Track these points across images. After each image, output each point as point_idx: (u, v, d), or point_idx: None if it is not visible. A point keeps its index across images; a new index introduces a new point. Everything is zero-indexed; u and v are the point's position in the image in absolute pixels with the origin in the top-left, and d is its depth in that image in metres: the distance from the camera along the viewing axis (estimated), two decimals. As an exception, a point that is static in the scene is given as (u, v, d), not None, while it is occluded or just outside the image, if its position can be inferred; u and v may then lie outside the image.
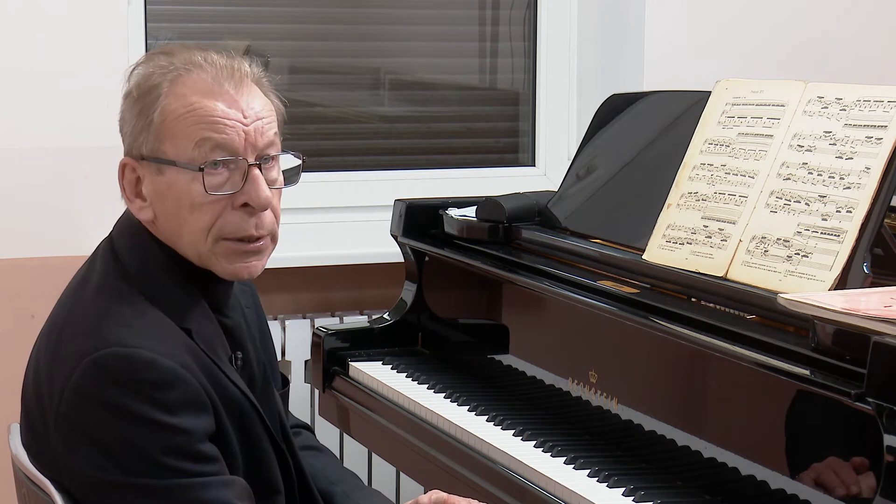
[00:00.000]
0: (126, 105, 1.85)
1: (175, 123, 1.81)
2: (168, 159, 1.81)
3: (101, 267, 1.86)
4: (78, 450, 1.75)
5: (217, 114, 1.81)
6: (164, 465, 1.72)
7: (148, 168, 1.83)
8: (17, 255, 3.06)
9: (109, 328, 1.76)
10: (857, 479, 1.77)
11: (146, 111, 1.82)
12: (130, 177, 1.84)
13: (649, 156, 2.59)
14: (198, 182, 1.80)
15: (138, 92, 1.83)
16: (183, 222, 1.83)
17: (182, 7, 3.48)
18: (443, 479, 2.43)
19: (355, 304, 3.43)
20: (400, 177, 3.58)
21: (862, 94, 2.14)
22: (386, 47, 3.70)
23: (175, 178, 1.82)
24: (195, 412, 1.76)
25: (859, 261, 2.01)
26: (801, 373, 1.87)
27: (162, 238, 1.86)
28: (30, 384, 1.86)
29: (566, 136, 3.71)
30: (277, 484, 1.92)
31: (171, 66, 1.83)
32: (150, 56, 1.89)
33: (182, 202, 1.82)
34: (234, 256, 1.85)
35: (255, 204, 1.83)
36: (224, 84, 1.83)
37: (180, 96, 1.81)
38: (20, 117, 3.05)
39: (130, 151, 1.84)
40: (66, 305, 1.87)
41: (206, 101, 1.81)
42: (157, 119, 1.81)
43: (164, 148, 1.81)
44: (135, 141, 1.83)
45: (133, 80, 1.85)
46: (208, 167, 1.80)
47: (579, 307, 2.36)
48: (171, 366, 1.74)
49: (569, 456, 2.21)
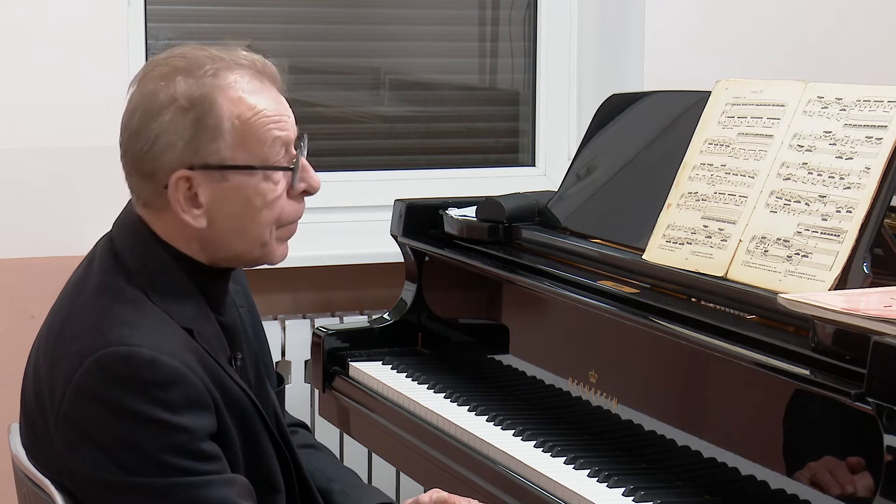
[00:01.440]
0: (171, 117, 1.78)
1: (244, 128, 1.80)
2: (243, 165, 1.81)
3: (101, 266, 1.86)
4: (79, 449, 1.75)
5: (276, 112, 1.84)
6: (166, 463, 1.72)
7: (207, 176, 1.80)
8: (17, 255, 3.06)
9: (111, 327, 1.76)
10: (857, 478, 1.77)
11: (203, 120, 1.78)
12: (183, 187, 1.80)
13: (649, 156, 2.59)
14: (271, 179, 1.83)
15: (188, 102, 1.78)
16: (249, 221, 1.84)
17: (182, 7, 3.48)
18: (443, 479, 2.43)
19: (355, 304, 3.42)
20: (400, 177, 3.58)
21: (862, 94, 2.14)
22: (386, 47, 3.70)
23: (244, 181, 1.82)
24: (197, 411, 1.76)
25: (859, 261, 2.01)
26: (801, 373, 1.87)
27: (207, 240, 1.84)
28: (29, 384, 1.86)
29: (566, 136, 3.71)
30: (278, 483, 1.92)
31: (206, 70, 1.80)
32: (166, 64, 1.83)
33: (253, 202, 1.83)
34: (284, 240, 1.90)
35: (314, 190, 1.90)
36: (264, 80, 1.85)
37: (237, 101, 1.80)
38: (20, 117, 3.05)
39: (183, 162, 1.79)
40: (65, 305, 1.86)
41: (261, 100, 1.82)
42: (223, 126, 1.79)
43: (234, 154, 1.80)
44: (194, 153, 1.79)
45: (169, 91, 1.79)
46: (286, 165, 1.85)
47: (579, 307, 2.36)
48: (173, 364, 1.74)
49: (569, 456, 2.21)
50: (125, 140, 1.83)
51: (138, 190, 1.85)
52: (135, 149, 1.81)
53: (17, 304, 3.00)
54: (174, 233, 1.85)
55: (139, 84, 1.83)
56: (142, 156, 1.81)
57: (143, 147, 1.80)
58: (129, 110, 1.83)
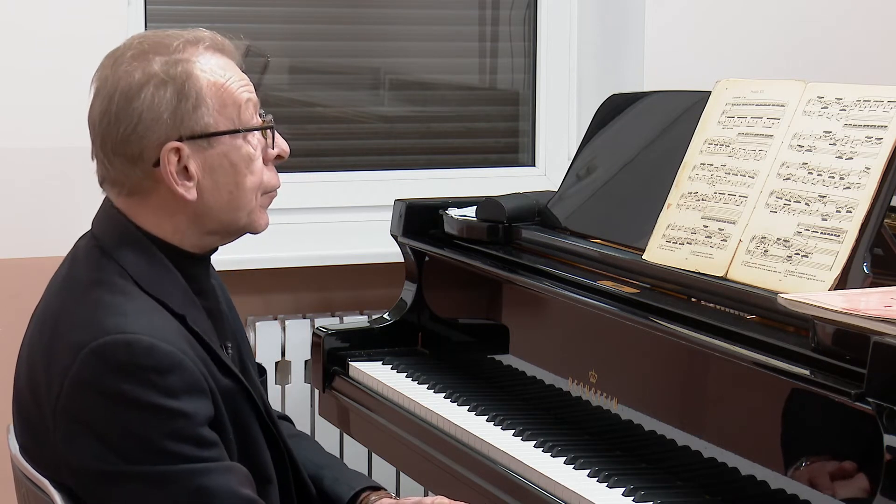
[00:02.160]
0: (152, 92, 1.82)
1: (221, 94, 1.86)
2: (227, 129, 1.86)
3: (89, 263, 1.86)
4: (78, 442, 1.75)
5: (243, 78, 1.90)
6: (166, 450, 1.73)
7: (195, 146, 1.84)
8: (17, 255, 3.06)
9: (106, 318, 1.76)
10: (857, 478, 1.77)
11: (183, 91, 1.83)
12: (174, 160, 1.83)
13: (649, 156, 2.59)
14: (250, 143, 1.88)
15: (166, 76, 1.82)
16: (236, 187, 1.88)
17: (182, 7, 3.48)
18: (443, 479, 2.43)
19: (355, 304, 3.42)
20: (400, 177, 3.58)
21: (862, 94, 2.14)
22: (386, 47, 3.70)
23: (229, 146, 1.87)
24: (196, 396, 1.76)
25: (859, 261, 2.01)
26: (801, 373, 1.87)
27: (196, 215, 1.87)
28: (23, 383, 1.86)
29: (566, 136, 3.71)
30: (270, 473, 1.93)
31: (175, 45, 1.85)
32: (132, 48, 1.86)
33: (239, 167, 1.88)
34: (264, 208, 1.95)
35: (286, 154, 1.94)
36: (224, 53, 1.90)
37: (209, 70, 1.86)
38: (20, 117, 3.05)
39: (170, 135, 1.83)
40: (54, 303, 1.87)
41: (229, 69, 1.88)
42: (203, 94, 1.84)
43: (216, 120, 1.85)
44: (180, 123, 1.83)
45: (144, 70, 1.83)
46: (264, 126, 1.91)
47: (579, 307, 2.36)
48: (170, 350, 1.75)
49: (569, 456, 2.21)
50: (104, 128, 1.85)
51: (122, 178, 1.86)
52: (117, 133, 1.84)
53: (17, 304, 2.99)
54: (161, 217, 1.87)
55: (111, 71, 1.86)
56: (126, 138, 1.83)
57: (126, 129, 1.83)
58: (103, 98, 1.85)
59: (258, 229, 1.94)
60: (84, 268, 1.86)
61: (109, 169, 1.87)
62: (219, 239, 1.94)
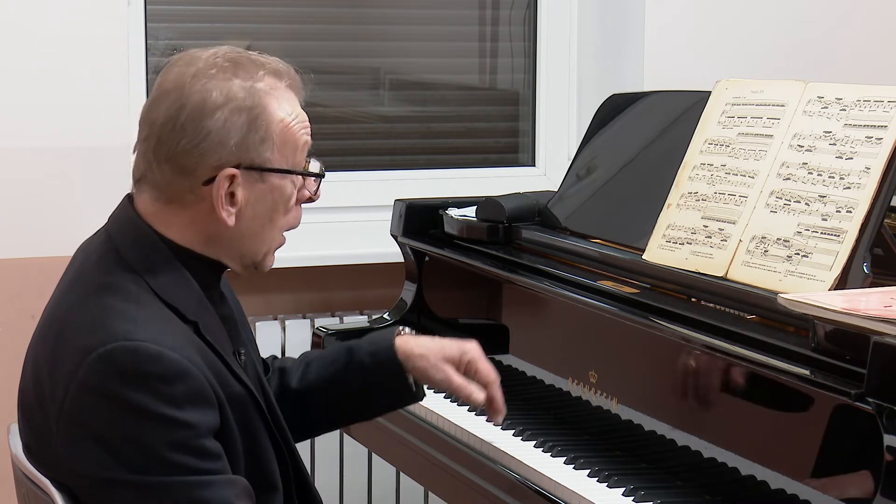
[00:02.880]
0: (226, 116, 1.82)
1: (286, 133, 1.88)
2: (282, 168, 1.88)
3: (100, 263, 1.85)
4: (80, 446, 1.75)
5: (305, 119, 1.94)
6: (167, 460, 1.72)
7: (249, 176, 1.86)
8: (17, 255, 3.06)
9: (114, 323, 1.76)
10: (857, 479, 1.77)
11: (256, 122, 1.84)
12: (226, 184, 1.84)
13: (649, 156, 2.59)
14: (293, 183, 1.91)
15: (244, 103, 1.83)
16: (269, 222, 1.90)
17: (182, 7, 3.48)
18: (443, 479, 2.43)
19: (355, 304, 3.43)
20: (400, 177, 3.58)
21: (862, 94, 2.14)
22: (386, 47, 3.70)
23: (278, 184, 1.89)
24: (200, 407, 1.76)
25: (859, 261, 2.01)
26: (801, 373, 1.87)
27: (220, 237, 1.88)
28: (28, 384, 1.86)
29: (566, 136, 3.71)
30: (276, 481, 1.93)
31: (259, 73, 1.87)
32: (214, 65, 1.86)
33: (278, 205, 1.90)
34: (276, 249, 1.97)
35: (316, 198, 1.98)
36: (295, 89, 1.93)
37: (282, 107, 1.88)
38: (20, 117, 3.05)
39: (230, 161, 1.83)
40: (63, 303, 1.86)
41: (296, 108, 1.91)
42: (272, 129, 1.86)
43: (275, 157, 1.87)
44: (244, 152, 1.84)
45: (224, 90, 1.83)
46: (314, 172, 1.95)
47: (579, 307, 2.36)
48: (177, 359, 1.74)
49: (569, 456, 2.21)
50: (163, 133, 1.84)
51: (164, 185, 1.85)
52: (178, 142, 1.83)
53: (17, 304, 3.00)
54: (188, 230, 1.87)
55: (189, 80, 1.84)
56: (187, 150, 1.83)
57: (190, 142, 1.83)
58: (171, 104, 1.84)
59: (265, 268, 1.96)
60: (96, 270, 1.85)
61: (155, 171, 1.85)
62: (228, 263, 1.94)
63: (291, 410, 2.10)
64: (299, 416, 2.14)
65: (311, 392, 2.17)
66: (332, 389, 2.16)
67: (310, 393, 2.17)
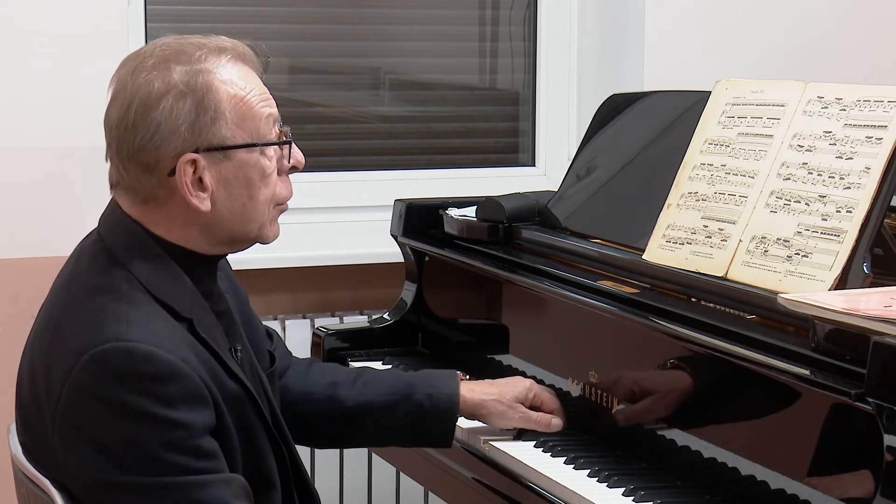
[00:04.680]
0: (171, 104, 1.82)
1: (240, 107, 1.86)
2: (244, 143, 1.86)
3: (94, 267, 1.85)
4: (76, 449, 1.75)
5: (263, 91, 1.90)
6: (163, 460, 1.72)
7: (211, 158, 1.84)
8: (17, 255, 3.06)
9: (108, 324, 1.76)
10: (857, 479, 1.77)
11: (203, 103, 1.83)
12: (189, 171, 1.83)
13: (649, 156, 2.59)
14: (266, 156, 1.88)
15: (186, 87, 1.82)
16: (250, 199, 1.88)
17: (182, 7, 3.48)
18: (443, 479, 2.43)
19: (355, 304, 3.43)
20: (400, 177, 3.58)
21: (862, 94, 2.14)
22: (386, 47, 3.70)
23: (245, 159, 1.87)
24: (195, 406, 1.76)
25: (859, 261, 2.01)
26: (801, 373, 1.87)
27: (207, 225, 1.87)
28: (25, 386, 1.86)
29: (566, 136, 3.71)
30: (273, 479, 1.93)
31: (197, 55, 1.85)
32: (153, 55, 1.86)
33: (253, 180, 1.88)
34: (276, 219, 1.95)
35: (301, 166, 1.95)
36: (247, 63, 1.90)
37: (230, 82, 1.85)
38: (20, 117, 3.05)
39: (187, 147, 1.83)
40: (57, 305, 1.86)
41: (251, 81, 1.89)
42: (222, 107, 1.84)
43: (234, 134, 1.85)
44: (197, 136, 1.83)
45: (164, 79, 1.82)
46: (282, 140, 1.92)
47: (579, 307, 2.36)
48: (170, 359, 1.74)
49: (569, 456, 2.21)
50: (120, 135, 1.85)
51: (136, 185, 1.86)
52: (133, 140, 1.83)
53: (17, 304, 3.00)
54: (173, 224, 1.87)
55: (130, 77, 1.85)
56: (142, 147, 1.83)
57: (143, 138, 1.82)
58: (120, 104, 1.85)
59: (268, 240, 1.95)
60: (89, 272, 1.85)
61: (124, 175, 1.86)
62: (227, 248, 1.94)
63: (339, 426, 2.20)
64: (349, 431, 2.22)
65: (363, 413, 2.21)
66: (384, 417, 2.21)
67: (361, 414, 2.21)
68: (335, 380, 2.23)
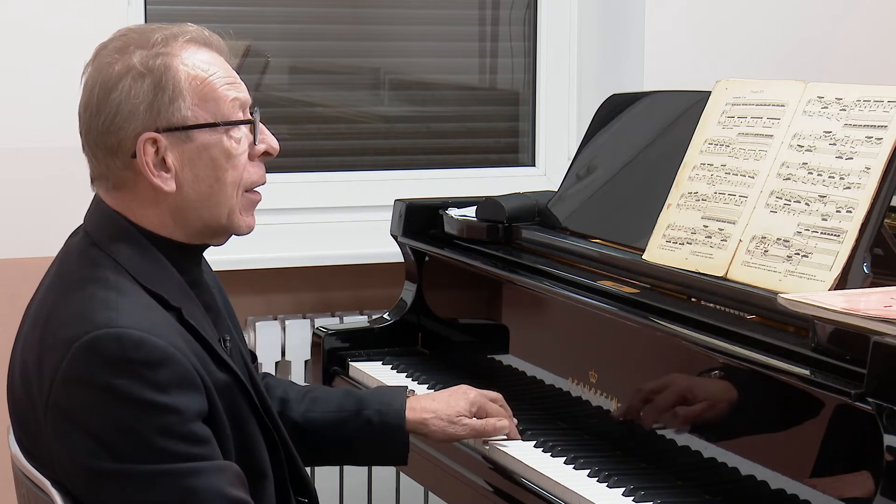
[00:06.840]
0: (129, 84, 1.83)
1: (201, 88, 1.86)
2: (205, 123, 1.86)
3: (82, 259, 1.86)
4: (69, 437, 1.74)
5: (229, 74, 1.90)
6: (156, 446, 1.72)
7: (173, 138, 1.85)
8: (17, 255, 3.06)
9: (98, 313, 1.76)
10: (857, 479, 1.77)
11: (161, 83, 1.84)
12: (150, 151, 1.84)
13: (649, 156, 2.59)
14: (233, 138, 1.88)
15: (144, 68, 1.83)
16: (215, 182, 1.88)
17: (182, 7, 3.48)
18: (443, 479, 2.43)
19: (355, 304, 3.43)
20: (400, 177, 3.58)
21: (862, 94, 2.14)
22: (386, 47, 3.70)
23: (207, 140, 1.86)
24: (187, 391, 1.76)
25: (859, 261, 2.01)
26: (801, 373, 1.87)
27: (178, 209, 1.87)
28: (17, 381, 1.86)
29: (566, 136, 3.71)
30: (265, 468, 1.92)
31: (157, 38, 1.87)
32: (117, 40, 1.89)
33: (219, 161, 1.87)
34: (250, 208, 1.94)
35: (274, 151, 1.94)
36: (211, 48, 1.92)
37: (190, 64, 1.86)
38: (20, 117, 3.05)
39: (147, 126, 1.83)
40: (47, 299, 1.87)
41: (214, 64, 1.89)
42: (181, 87, 1.84)
43: (195, 114, 1.85)
44: (156, 115, 1.83)
45: (124, 62, 1.84)
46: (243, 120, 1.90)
47: (579, 307, 2.36)
48: (161, 344, 1.74)
49: (569, 456, 2.21)
50: (86, 120, 1.87)
51: (106, 171, 1.88)
52: (97, 124, 1.85)
53: (18, 304, 2.98)
54: (147, 209, 1.87)
55: (94, 63, 1.88)
56: (105, 129, 1.85)
57: (105, 120, 1.85)
58: (86, 91, 1.88)
59: (240, 231, 1.93)
60: (77, 264, 1.86)
61: (94, 162, 1.89)
62: (205, 237, 1.93)
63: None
64: (300, 449, 2.15)
65: (311, 430, 2.18)
66: (332, 434, 2.19)
67: (310, 431, 2.18)
68: (285, 396, 2.21)
